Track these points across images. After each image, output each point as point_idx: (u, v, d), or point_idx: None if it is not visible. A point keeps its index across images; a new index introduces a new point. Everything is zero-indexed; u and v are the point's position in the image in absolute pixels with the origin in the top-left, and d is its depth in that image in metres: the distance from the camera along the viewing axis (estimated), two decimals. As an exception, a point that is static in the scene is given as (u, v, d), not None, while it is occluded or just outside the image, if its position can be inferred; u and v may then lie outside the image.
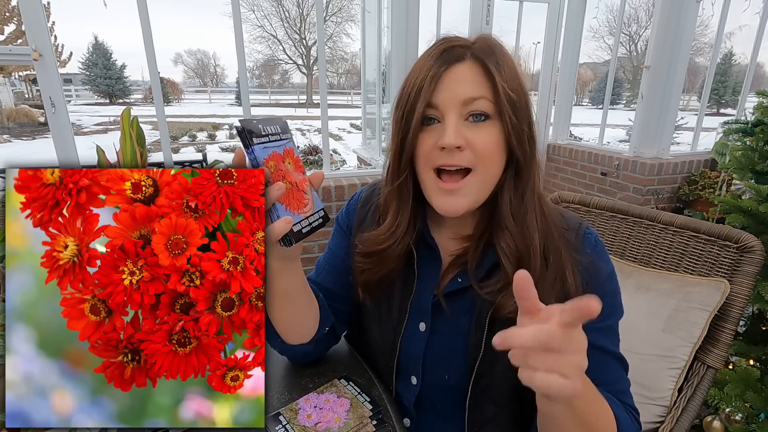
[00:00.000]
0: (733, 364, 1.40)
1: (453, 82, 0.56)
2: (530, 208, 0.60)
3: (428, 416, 0.71)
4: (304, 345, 0.71)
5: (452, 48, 0.58)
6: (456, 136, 0.55)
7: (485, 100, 0.56)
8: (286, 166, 0.53)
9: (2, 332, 0.45)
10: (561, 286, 0.59)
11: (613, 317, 0.64)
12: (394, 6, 2.37)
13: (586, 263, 0.61)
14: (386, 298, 0.70)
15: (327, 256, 0.78)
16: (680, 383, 0.90)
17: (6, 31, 12.86)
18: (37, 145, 12.26)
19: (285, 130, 0.56)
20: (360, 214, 0.75)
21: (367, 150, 3.78)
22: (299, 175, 0.55)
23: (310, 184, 0.57)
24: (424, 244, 0.68)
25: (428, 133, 0.58)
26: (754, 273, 0.87)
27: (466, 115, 0.57)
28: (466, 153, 0.56)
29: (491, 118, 0.57)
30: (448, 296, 0.65)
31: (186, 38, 70.27)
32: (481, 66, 0.56)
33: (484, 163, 0.57)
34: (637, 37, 30.15)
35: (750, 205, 1.38)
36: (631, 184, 2.79)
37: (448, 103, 0.56)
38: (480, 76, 0.56)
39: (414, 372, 0.69)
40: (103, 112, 22.49)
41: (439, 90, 0.57)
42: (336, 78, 41.83)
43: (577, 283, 0.60)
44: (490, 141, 0.57)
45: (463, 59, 0.57)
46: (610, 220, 1.10)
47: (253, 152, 0.49)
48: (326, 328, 0.73)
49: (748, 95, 2.92)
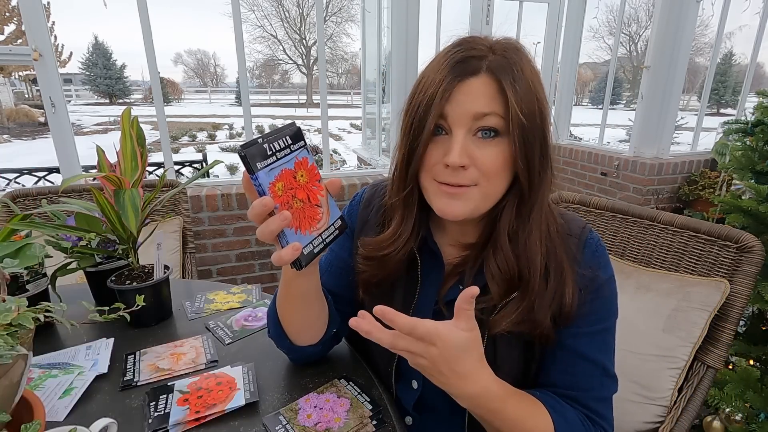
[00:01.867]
0: (733, 364, 1.40)
1: (464, 96, 0.54)
2: (535, 228, 0.58)
3: (429, 417, 0.71)
4: (313, 346, 0.71)
5: (468, 59, 0.55)
6: (461, 155, 0.54)
7: (496, 116, 0.54)
8: (298, 180, 0.51)
9: (2, 332, 0.45)
10: (559, 301, 0.59)
11: (604, 322, 0.62)
12: (394, 6, 2.37)
13: (584, 273, 0.61)
14: (388, 303, 0.70)
15: (329, 257, 0.78)
16: (680, 383, 0.90)
17: (6, 31, 12.86)
18: (37, 145, 12.26)
19: (297, 138, 0.52)
20: (363, 216, 0.75)
21: (367, 150, 3.79)
22: (314, 187, 0.53)
23: (327, 192, 0.55)
24: (428, 250, 0.67)
25: (435, 144, 0.57)
26: (754, 273, 0.87)
27: (475, 130, 0.55)
28: (471, 171, 0.55)
29: (501, 135, 0.55)
30: (449, 303, 0.65)
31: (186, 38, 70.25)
32: (496, 81, 0.54)
33: (488, 180, 0.56)
34: (637, 37, 30.14)
35: (750, 205, 1.38)
36: (631, 184, 2.79)
37: (457, 117, 0.55)
38: (493, 92, 0.54)
39: (415, 377, 0.69)
40: (103, 112, 22.50)
41: (450, 103, 0.55)
42: (336, 78, 41.82)
43: (573, 295, 0.59)
44: (497, 159, 0.55)
45: (478, 73, 0.54)
46: (610, 220, 1.10)
47: (258, 179, 0.47)
48: (334, 330, 0.73)
49: (748, 95, 2.92)
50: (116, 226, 0.86)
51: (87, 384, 0.70)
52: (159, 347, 0.82)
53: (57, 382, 0.70)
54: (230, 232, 2.22)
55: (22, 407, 0.52)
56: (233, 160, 7.89)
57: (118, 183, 0.83)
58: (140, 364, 0.76)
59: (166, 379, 0.72)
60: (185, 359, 0.78)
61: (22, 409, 0.52)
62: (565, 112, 3.45)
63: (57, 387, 0.69)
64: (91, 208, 0.85)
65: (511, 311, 0.58)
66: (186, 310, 0.97)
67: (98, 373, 0.73)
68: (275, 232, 0.48)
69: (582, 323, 0.60)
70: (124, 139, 0.88)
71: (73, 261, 0.90)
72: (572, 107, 3.50)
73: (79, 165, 2.09)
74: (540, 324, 0.58)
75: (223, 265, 2.26)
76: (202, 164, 5.02)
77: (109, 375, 0.73)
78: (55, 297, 0.89)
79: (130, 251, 0.92)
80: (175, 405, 0.65)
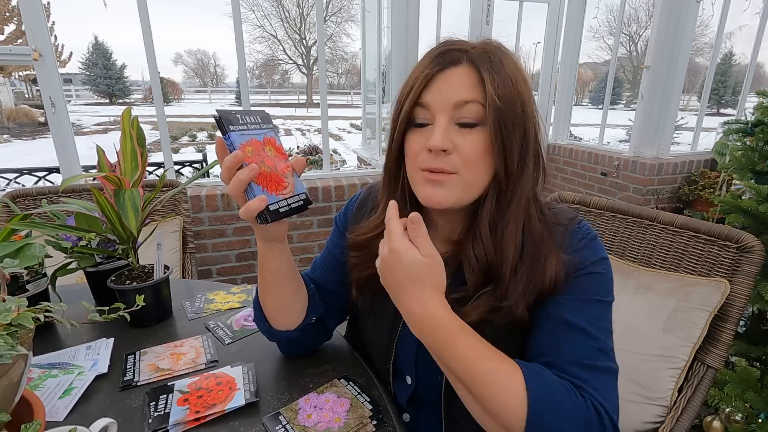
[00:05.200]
0: (733, 364, 1.40)
1: (445, 85, 0.56)
2: (512, 221, 0.58)
3: (424, 413, 0.72)
4: (291, 332, 0.72)
5: (450, 51, 0.57)
6: (443, 139, 0.55)
7: (477, 104, 0.55)
8: (266, 152, 0.57)
9: (2, 332, 0.45)
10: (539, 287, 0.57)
11: (593, 295, 0.58)
12: (394, 6, 2.36)
13: (570, 256, 0.59)
14: (381, 300, 0.71)
15: (323, 254, 0.80)
16: (680, 383, 0.90)
17: (6, 31, 12.85)
18: (37, 145, 12.26)
19: (266, 120, 0.59)
20: (357, 215, 0.76)
21: (367, 150, 3.78)
22: (281, 162, 0.59)
23: (293, 170, 0.60)
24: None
25: (419, 134, 0.58)
26: (754, 273, 0.87)
27: (457, 119, 0.56)
28: (453, 157, 0.56)
29: (482, 124, 0.56)
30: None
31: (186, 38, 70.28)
32: (476, 71, 0.55)
33: (468, 168, 0.56)
34: (637, 37, 30.14)
35: (750, 205, 1.38)
36: (631, 184, 2.78)
37: (438, 105, 0.56)
38: (474, 81, 0.55)
39: (408, 372, 0.70)
40: (103, 112, 22.50)
41: (431, 91, 0.56)
42: (336, 78, 41.82)
43: (556, 277, 0.57)
44: (477, 148, 0.56)
45: (459, 63, 0.56)
46: (610, 220, 1.10)
47: (230, 138, 0.53)
48: (313, 318, 0.74)
49: (748, 95, 2.92)
50: (116, 226, 0.86)
51: (87, 384, 0.70)
52: (159, 347, 0.82)
53: (57, 382, 0.70)
54: (230, 232, 2.22)
55: (22, 407, 0.52)
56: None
57: (118, 183, 0.83)
58: (140, 364, 0.76)
59: (166, 379, 0.72)
60: (185, 359, 0.78)
61: (22, 409, 0.52)
62: (565, 112, 3.45)
63: (57, 387, 0.69)
64: (91, 208, 0.85)
65: (483, 302, 0.58)
66: (186, 310, 0.97)
67: (98, 373, 0.73)
68: (244, 182, 0.53)
69: (567, 291, 0.58)
70: (125, 139, 0.88)
71: (73, 261, 0.90)
72: (572, 107, 3.49)
73: (79, 165, 2.09)
74: (512, 312, 0.57)
75: (223, 265, 2.27)
76: (202, 164, 5.02)
77: (109, 375, 0.73)
78: (55, 297, 0.89)
79: (130, 251, 0.92)
80: (175, 405, 0.65)
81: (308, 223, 2.34)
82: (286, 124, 17.66)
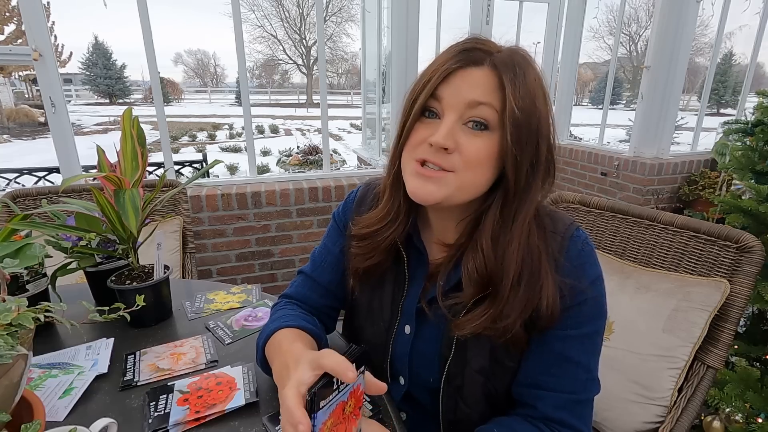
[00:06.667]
0: (733, 364, 1.40)
1: (463, 83, 0.55)
2: (516, 237, 0.57)
3: (417, 411, 0.72)
4: None
5: (474, 49, 0.56)
6: (446, 137, 0.54)
7: (491, 108, 0.54)
8: (345, 412, 0.50)
9: (2, 332, 0.45)
10: (534, 308, 0.57)
11: (592, 325, 0.61)
12: (394, 6, 2.36)
13: (566, 279, 0.58)
14: (378, 298, 0.71)
15: (323, 252, 0.78)
16: (680, 383, 0.90)
17: (6, 31, 12.86)
18: (37, 145, 12.26)
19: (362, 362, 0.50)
20: (356, 212, 0.76)
21: (367, 150, 3.78)
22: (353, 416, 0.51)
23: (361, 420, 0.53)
24: (414, 247, 0.68)
25: (425, 125, 0.57)
26: (754, 273, 0.87)
27: (466, 119, 0.55)
28: (453, 157, 0.55)
29: (491, 130, 0.55)
30: (431, 301, 0.65)
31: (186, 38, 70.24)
32: (497, 76, 0.54)
33: (467, 170, 0.55)
34: (637, 37, 30.15)
35: (750, 205, 1.38)
36: (631, 184, 2.78)
37: (451, 101, 0.55)
38: (492, 86, 0.54)
39: (402, 373, 0.70)
40: (103, 112, 22.50)
41: (447, 85, 0.55)
42: (336, 78, 41.82)
43: (552, 301, 0.57)
44: (481, 151, 0.55)
45: (481, 64, 0.55)
46: (610, 220, 1.10)
47: (315, 418, 0.46)
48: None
49: (748, 95, 2.92)
50: (116, 226, 0.86)
51: (87, 384, 0.70)
52: (159, 347, 0.82)
53: (57, 382, 0.70)
54: (230, 232, 2.22)
55: (22, 407, 0.52)
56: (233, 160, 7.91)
57: (118, 183, 0.83)
58: (140, 364, 0.76)
59: (166, 379, 0.72)
60: (185, 359, 0.78)
61: (22, 409, 0.52)
62: (565, 112, 3.45)
63: (57, 387, 0.69)
64: (91, 208, 0.85)
65: (478, 316, 0.57)
66: (186, 310, 0.97)
67: (98, 373, 0.73)
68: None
69: (569, 326, 0.59)
70: (125, 138, 0.88)
71: (73, 261, 0.90)
72: (572, 107, 3.50)
73: (79, 165, 2.09)
74: (507, 332, 0.57)
75: (223, 265, 2.27)
76: (202, 164, 5.03)
77: (109, 375, 0.73)
78: (55, 297, 0.89)
79: (130, 251, 0.92)
80: (175, 405, 0.65)
81: (308, 223, 2.34)
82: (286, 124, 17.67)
